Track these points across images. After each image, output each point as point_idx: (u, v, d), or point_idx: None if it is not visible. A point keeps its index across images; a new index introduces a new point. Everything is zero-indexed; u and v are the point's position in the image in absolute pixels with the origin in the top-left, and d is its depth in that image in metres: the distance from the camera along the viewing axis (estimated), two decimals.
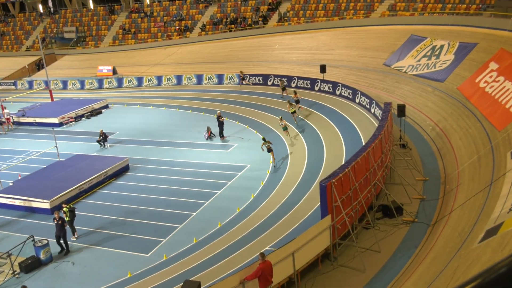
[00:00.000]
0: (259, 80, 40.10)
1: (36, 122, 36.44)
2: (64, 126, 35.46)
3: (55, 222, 17.89)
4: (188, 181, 22.91)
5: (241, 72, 42.87)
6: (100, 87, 48.32)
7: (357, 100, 30.07)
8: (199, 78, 43.88)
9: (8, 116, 36.20)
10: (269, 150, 23.47)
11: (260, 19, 49.14)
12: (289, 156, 24.21)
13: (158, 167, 25.09)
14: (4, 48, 65.59)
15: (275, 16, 49.07)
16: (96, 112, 37.89)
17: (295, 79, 37.47)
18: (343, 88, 32.44)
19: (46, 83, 47.70)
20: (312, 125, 28.36)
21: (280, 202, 19.14)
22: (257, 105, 34.61)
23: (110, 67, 50.48)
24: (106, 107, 39.49)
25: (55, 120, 35.79)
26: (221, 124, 28.13)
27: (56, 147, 26.83)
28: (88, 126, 34.95)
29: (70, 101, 42.03)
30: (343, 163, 17.62)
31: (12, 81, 54.64)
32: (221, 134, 28.27)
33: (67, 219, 18.79)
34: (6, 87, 54.06)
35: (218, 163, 24.54)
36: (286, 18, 48.09)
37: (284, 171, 22.36)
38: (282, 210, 18.38)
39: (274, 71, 40.99)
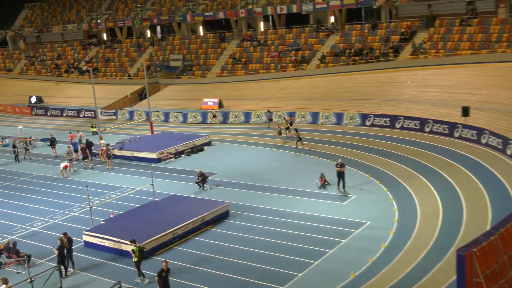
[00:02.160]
0: (385, 122, 39.36)
1: (133, 156, 37.81)
2: (163, 163, 36.37)
3: (60, 243, 19.83)
4: (294, 235, 22.59)
5: (268, 111, 45.50)
6: (204, 121, 49.45)
7: (508, 152, 28.76)
8: (315, 116, 43.97)
9: (103, 148, 37.99)
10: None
11: (391, 50, 48.84)
12: (418, 214, 23.16)
13: (262, 216, 25.01)
14: (108, 75, 69.95)
15: (408, 48, 48.55)
16: (197, 149, 38.56)
17: (429, 122, 36.31)
18: (490, 136, 31.16)
19: (148, 114, 50.02)
20: (450, 179, 27.10)
21: (405, 271, 18.21)
22: (382, 151, 33.86)
23: (216, 100, 51.93)
24: (208, 144, 40.13)
25: (153, 155, 36.86)
26: (341, 175, 27.56)
27: (152, 185, 27.42)
28: (187, 164, 35.69)
29: (170, 135, 43.21)
30: (488, 228, 16.75)
31: (113, 110, 57.66)
32: (340, 184, 27.63)
33: (135, 259, 19.48)
34: (106, 117, 57.09)
35: (331, 217, 23.96)
36: (422, 50, 47.35)
37: (412, 232, 21.43)
38: (406, 281, 17.45)
39: (404, 111, 40.01)
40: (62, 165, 35.19)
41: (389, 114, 40.25)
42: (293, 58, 55.11)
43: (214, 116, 48.99)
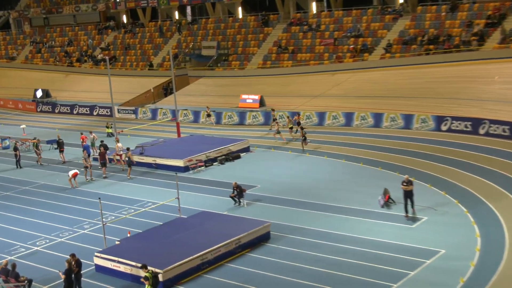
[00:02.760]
0: (466, 126, 38.82)
1: (155, 164, 37.89)
2: (191, 172, 36.56)
3: (67, 266, 20.34)
4: (350, 264, 22.16)
5: (272, 110, 47.53)
6: (241, 122, 49.75)
7: None
8: (378, 118, 43.69)
9: (121, 152, 38.17)
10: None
11: (474, 38, 48.08)
12: (506, 242, 22.56)
13: (310, 239, 24.73)
14: (127, 65, 70.64)
15: (496, 35, 47.64)
16: (233, 157, 38.57)
17: None
18: None
19: (174, 113, 49.90)
20: None
21: None
22: (461, 162, 33.32)
23: (257, 97, 52.35)
24: (246, 150, 40.11)
25: (179, 162, 36.91)
26: (408, 195, 26.59)
27: (178, 198, 27.23)
28: (221, 174, 35.84)
29: (201, 139, 43.51)
30: None
31: (133, 108, 58.13)
32: (407, 206, 26.75)
33: (147, 287, 19.54)
34: (124, 115, 57.58)
35: (396, 243, 23.53)
36: None
37: (498, 265, 20.71)
38: None
39: (489, 114, 39.34)
40: (71, 172, 35.22)
41: (471, 117, 39.55)
42: (351, 46, 54.56)
43: (208, 115, 51.08)
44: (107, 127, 49.92)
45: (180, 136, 44.98)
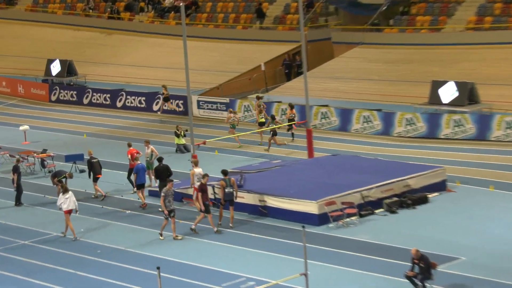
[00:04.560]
0: None
1: (264, 207, 35.47)
2: (332, 225, 33.59)
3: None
4: None
5: (258, 97, 50.82)
6: (432, 133, 47.23)
7: None
8: None
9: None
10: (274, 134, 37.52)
11: None
12: None
13: None
14: (218, 18, 67.01)
15: None
16: (414, 199, 35.56)
17: None
18: None
19: (302, 111, 46.89)
20: None
21: None
22: None
23: (454, 84, 48.67)
24: (440, 187, 37.15)
25: (310, 207, 33.62)
26: None
27: (306, 276, 25.59)
28: (389, 231, 33.49)
29: (353, 162, 40.37)
30: None
31: (225, 99, 54.06)
32: None
33: None
34: (209, 113, 54.82)
35: None
36: None
37: None
38: None
39: None
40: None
41: None
42: None
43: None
44: (178, 134, 46.18)
45: (312, 155, 41.65)
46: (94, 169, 39.45)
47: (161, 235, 34.95)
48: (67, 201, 34.24)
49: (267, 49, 62.45)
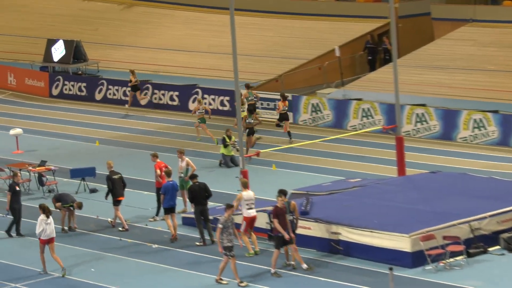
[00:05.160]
0: None
1: (337, 242, 33.73)
2: (430, 267, 32.24)
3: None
4: None
5: (247, 86, 50.76)
6: None
7: None
8: None
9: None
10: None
11: None
12: None
13: None
14: None
15: None
16: None
17: None
18: None
19: (391, 114, 45.88)
20: None
21: None
22: None
23: None
24: None
25: (402, 242, 32.10)
26: None
27: None
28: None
29: (460, 182, 38.85)
30: None
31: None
32: None
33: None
34: (267, 114, 52.02)
35: None
36: None
37: None
38: None
39: None
40: None
41: None
42: None
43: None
44: (226, 143, 44.13)
45: (404, 172, 39.26)
46: (116, 189, 37.22)
47: (221, 279, 32.82)
48: (48, 227, 32.82)
49: (344, 28, 60.66)
